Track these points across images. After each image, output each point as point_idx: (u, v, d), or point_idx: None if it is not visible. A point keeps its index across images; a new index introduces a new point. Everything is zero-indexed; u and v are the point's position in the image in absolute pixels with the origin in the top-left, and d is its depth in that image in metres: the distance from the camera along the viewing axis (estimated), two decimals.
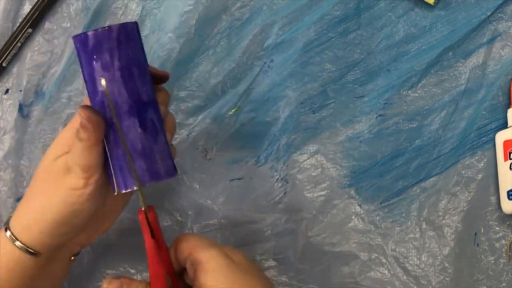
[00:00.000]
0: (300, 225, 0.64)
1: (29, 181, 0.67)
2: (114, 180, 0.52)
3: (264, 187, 0.65)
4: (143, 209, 0.51)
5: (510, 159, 0.59)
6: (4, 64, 0.69)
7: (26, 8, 0.70)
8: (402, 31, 0.64)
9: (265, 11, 0.66)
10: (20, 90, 0.69)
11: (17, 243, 0.53)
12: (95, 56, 0.50)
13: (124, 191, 0.52)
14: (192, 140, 0.66)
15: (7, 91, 0.69)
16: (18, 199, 0.67)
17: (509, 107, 0.61)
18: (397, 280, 0.61)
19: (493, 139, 0.61)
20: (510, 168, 0.59)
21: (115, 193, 0.52)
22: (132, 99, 0.51)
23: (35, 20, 0.69)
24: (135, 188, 0.51)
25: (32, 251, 0.53)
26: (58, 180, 0.52)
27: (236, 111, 0.66)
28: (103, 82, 0.50)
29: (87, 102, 0.52)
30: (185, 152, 0.66)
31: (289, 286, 0.63)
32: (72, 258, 0.58)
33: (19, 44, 0.69)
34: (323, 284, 0.62)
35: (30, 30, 0.69)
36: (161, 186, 0.66)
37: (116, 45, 0.50)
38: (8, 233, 0.53)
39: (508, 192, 0.59)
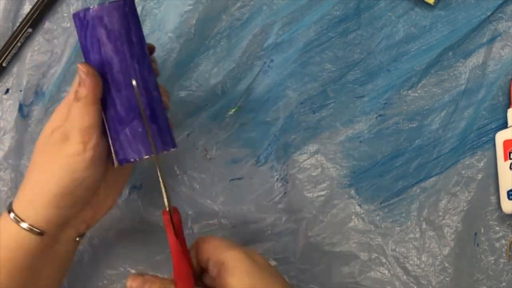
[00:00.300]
0: (300, 225, 0.64)
1: None
2: (113, 153, 0.53)
3: (264, 187, 0.65)
4: (167, 210, 0.51)
5: (510, 159, 0.59)
6: (4, 64, 0.69)
7: (26, 8, 0.70)
8: (402, 31, 0.64)
9: (265, 11, 0.66)
10: (20, 90, 0.69)
11: (22, 224, 0.53)
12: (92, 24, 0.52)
13: (124, 164, 0.53)
14: (192, 140, 0.66)
15: (7, 91, 0.69)
16: None
17: (509, 107, 0.61)
18: (397, 280, 0.61)
19: (493, 139, 0.61)
20: (510, 168, 0.59)
21: (115, 166, 0.53)
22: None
23: (35, 20, 0.69)
24: (132, 160, 0.52)
25: (37, 230, 0.53)
26: (57, 150, 0.52)
27: (236, 111, 0.66)
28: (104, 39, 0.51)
29: None
30: (185, 152, 0.66)
31: None
32: (77, 239, 0.57)
33: (19, 44, 0.69)
34: (323, 284, 0.62)
35: (30, 30, 0.69)
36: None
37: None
38: (12, 215, 0.53)
39: (508, 192, 0.59)
